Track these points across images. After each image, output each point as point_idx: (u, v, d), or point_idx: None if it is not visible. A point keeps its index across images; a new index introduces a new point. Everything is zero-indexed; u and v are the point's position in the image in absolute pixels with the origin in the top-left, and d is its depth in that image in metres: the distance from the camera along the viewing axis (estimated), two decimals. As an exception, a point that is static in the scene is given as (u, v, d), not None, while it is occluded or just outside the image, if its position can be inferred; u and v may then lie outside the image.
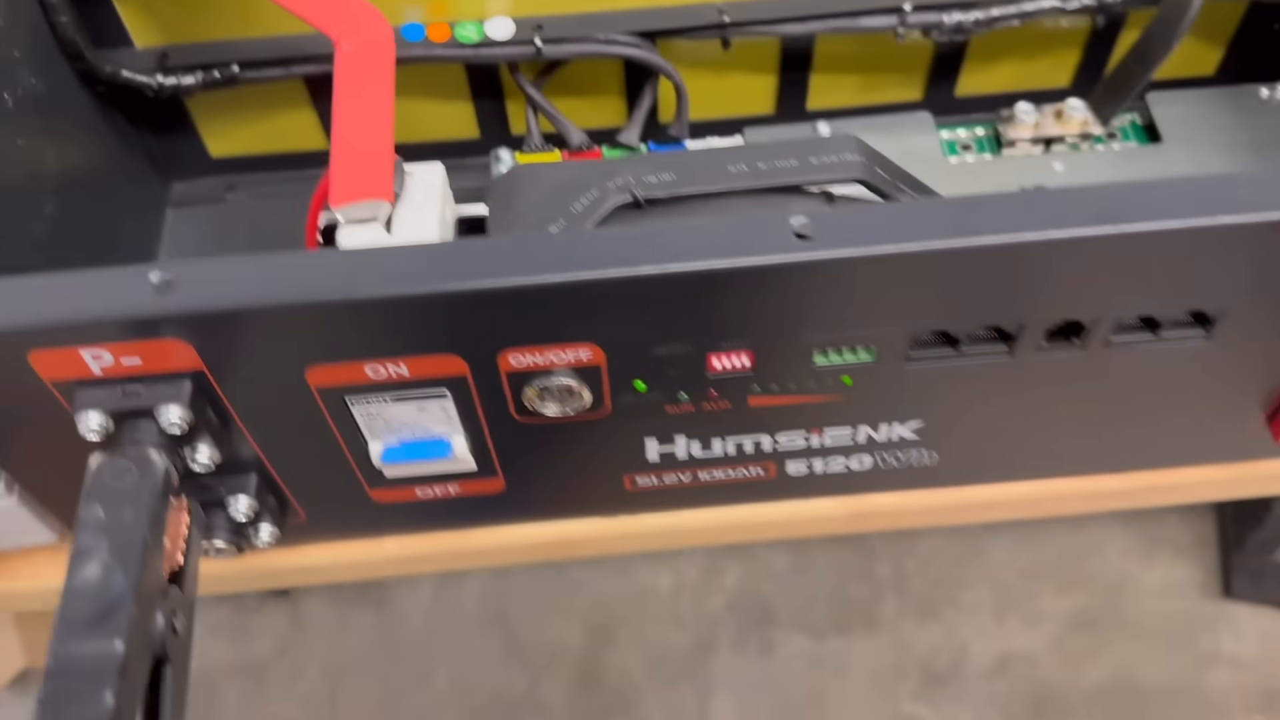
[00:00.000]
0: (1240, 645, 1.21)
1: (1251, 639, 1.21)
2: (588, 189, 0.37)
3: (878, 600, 1.20)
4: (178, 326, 0.32)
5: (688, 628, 1.19)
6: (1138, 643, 1.20)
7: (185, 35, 0.48)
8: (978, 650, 1.19)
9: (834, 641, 1.19)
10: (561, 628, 1.18)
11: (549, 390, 0.36)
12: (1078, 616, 1.21)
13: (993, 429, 0.41)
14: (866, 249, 0.32)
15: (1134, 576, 1.23)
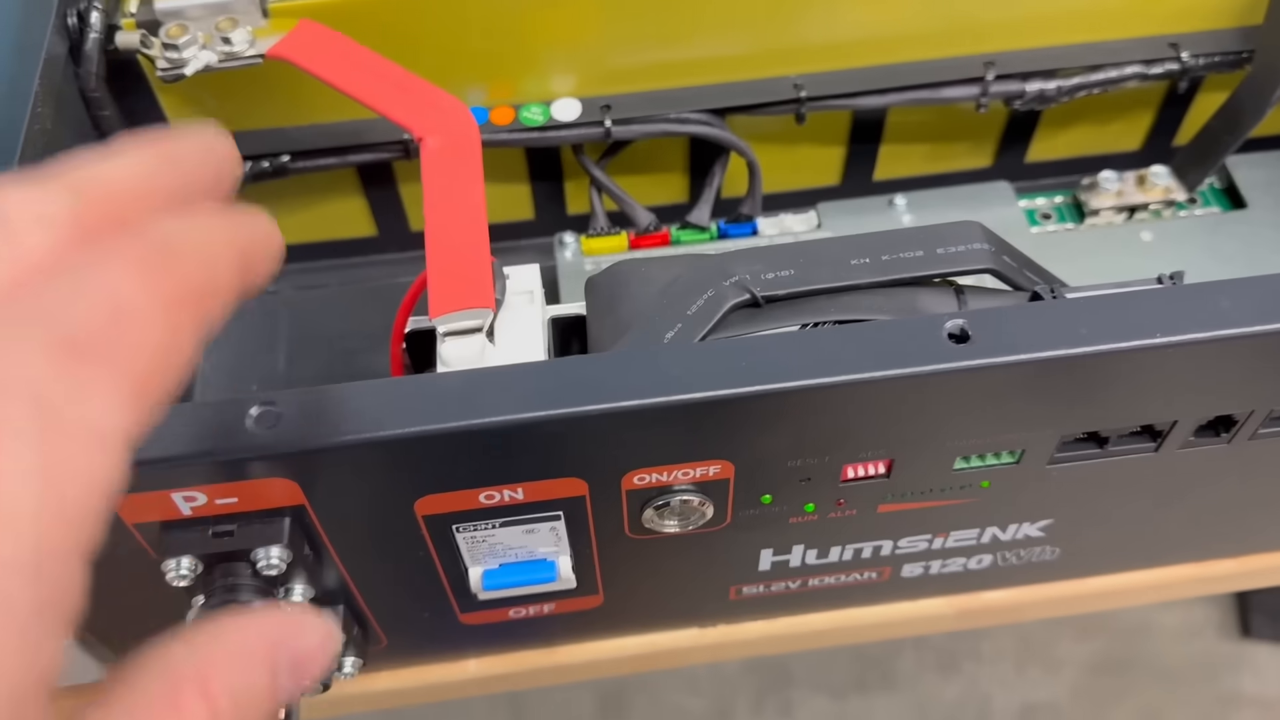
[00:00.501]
0: (1262, 685, 1.19)
1: (1273, 678, 1.20)
2: (702, 289, 0.34)
3: (896, 655, 1.18)
4: (286, 465, 0.29)
5: (704, 692, 1.16)
6: (1160, 687, 1.18)
7: (230, 125, 0.45)
8: (1001, 702, 1.17)
9: (855, 701, 1.16)
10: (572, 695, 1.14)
11: (670, 507, 0.33)
12: (1099, 662, 1.19)
13: (1119, 522, 0.39)
14: (1030, 354, 0.29)
15: (1153, 619, 1.22)
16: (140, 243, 0.18)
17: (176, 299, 0.18)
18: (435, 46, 0.43)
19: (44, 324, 0.17)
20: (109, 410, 0.17)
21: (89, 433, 0.17)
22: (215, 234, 0.20)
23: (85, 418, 0.17)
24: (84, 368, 0.17)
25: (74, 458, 0.16)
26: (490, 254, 0.35)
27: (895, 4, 0.44)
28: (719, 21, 0.44)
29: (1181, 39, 0.46)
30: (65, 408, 0.16)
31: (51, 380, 0.16)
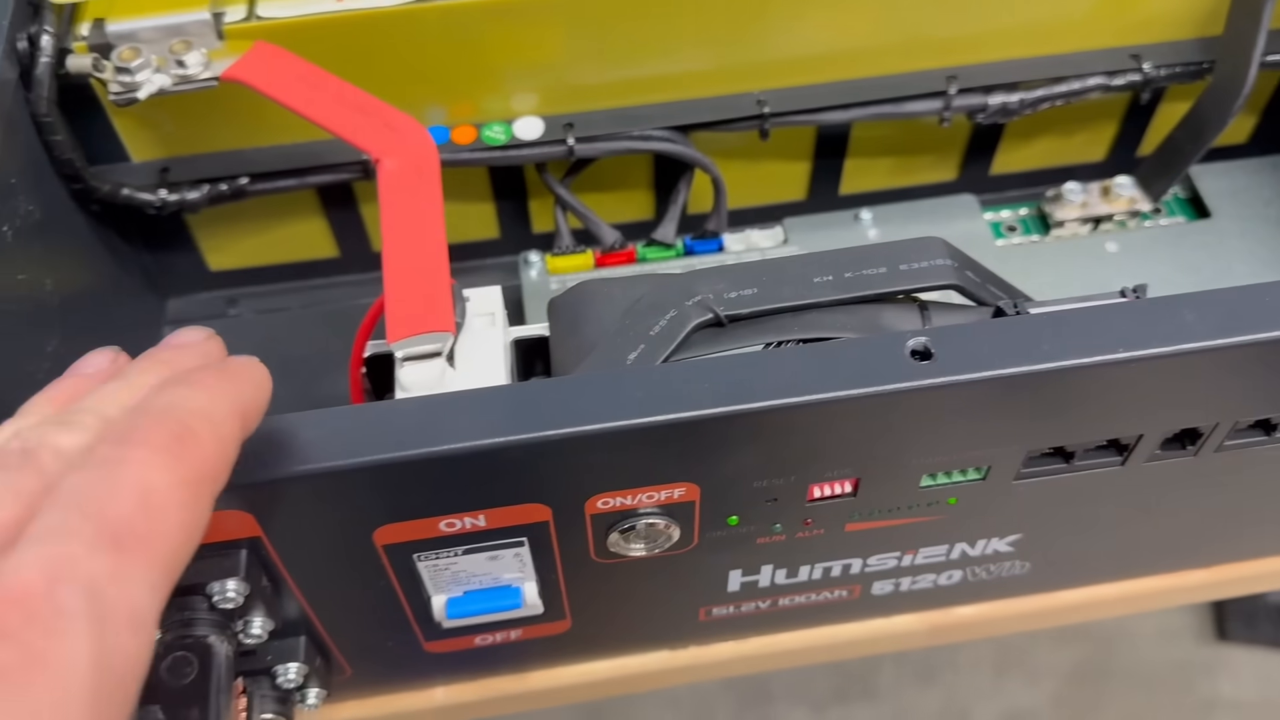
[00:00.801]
0: (1239, 689, 1.20)
1: (1249, 682, 1.20)
2: (665, 309, 0.34)
3: (876, 668, 1.18)
4: (240, 497, 0.28)
5: (684, 708, 1.15)
6: (1139, 693, 1.18)
7: (187, 148, 0.44)
8: (980, 712, 1.16)
9: (835, 713, 1.16)
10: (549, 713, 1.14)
11: (636, 530, 0.33)
12: (1077, 670, 1.19)
13: (1088, 535, 0.39)
14: (993, 371, 0.29)
15: (1129, 625, 1.22)
16: (161, 429, 0.21)
17: (196, 479, 0.21)
18: (394, 66, 0.42)
19: (90, 520, 0.19)
20: (145, 594, 0.19)
21: (131, 617, 0.19)
22: (220, 401, 0.23)
23: (128, 604, 0.19)
24: (124, 557, 0.19)
25: (121, 642, 0.18)
26: (450, 276, 0.34)
27: (857, 19, 0.44)
28: (682, 38, 0.44)
29: (1143, 50, 0.46)
30: (112, 596, 0.18)
31: (100, 572, 0.18)
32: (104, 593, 0.18)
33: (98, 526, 0.19)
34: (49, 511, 0.19)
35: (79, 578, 0.18)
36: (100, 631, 0.18)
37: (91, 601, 0.18)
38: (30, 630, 0.17)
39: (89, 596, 0.18)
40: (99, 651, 0.18)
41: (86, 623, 0.18)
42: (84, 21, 0.40)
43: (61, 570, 0.18)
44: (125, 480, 0.20)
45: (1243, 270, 0.47)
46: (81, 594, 0.18)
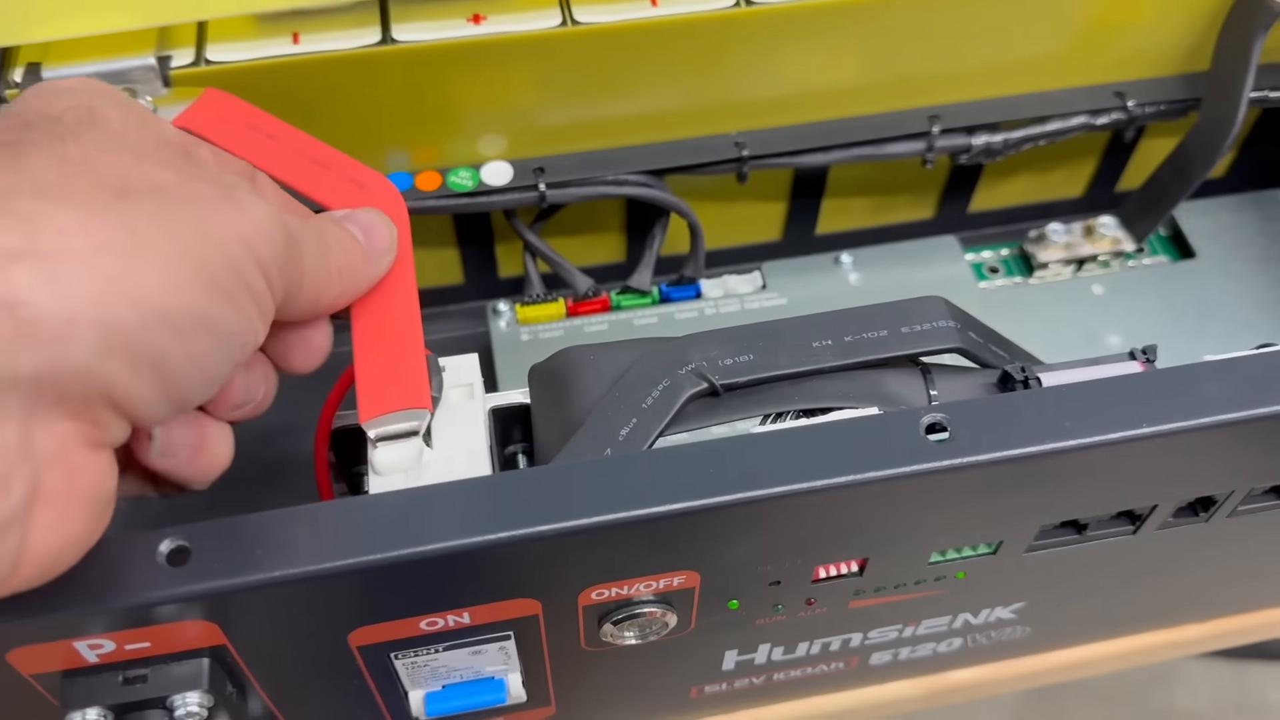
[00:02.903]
0: (1194, 699, 1.20)
1: (1204, 691, 1.21)
2: (657, 379, 0.32)
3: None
4: (203, 607, 0.26)
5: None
6: (1094, 707, 1.18)
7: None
8: (940, 727, 1.16)
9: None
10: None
11: (631, 620, 0.31)
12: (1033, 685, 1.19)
13: (1091, 598, 0.38)
14: (1015, 450, 0.27)
15: (1084, 640, 1.22)
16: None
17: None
18: (353, 111, 0.40)
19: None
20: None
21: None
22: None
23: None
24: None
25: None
26: (425, 347, 0.32)
27: (837, 59, 0.42)
28: (655, 79, 0.42)
29: (1127, 87, 0.45)
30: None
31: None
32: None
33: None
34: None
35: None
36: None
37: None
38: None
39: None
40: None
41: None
42: (17, 67, 0.37)
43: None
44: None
45: (1229, 312, 0.46)
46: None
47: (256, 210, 0.25)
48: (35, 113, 0.25)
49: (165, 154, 0.25)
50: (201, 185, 0.25)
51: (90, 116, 0.25)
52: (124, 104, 0.26)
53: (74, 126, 0.24)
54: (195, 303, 0.23)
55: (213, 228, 0.24)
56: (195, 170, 0.25)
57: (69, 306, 0.21)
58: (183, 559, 0.25)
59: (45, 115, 0.25)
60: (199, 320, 0.23)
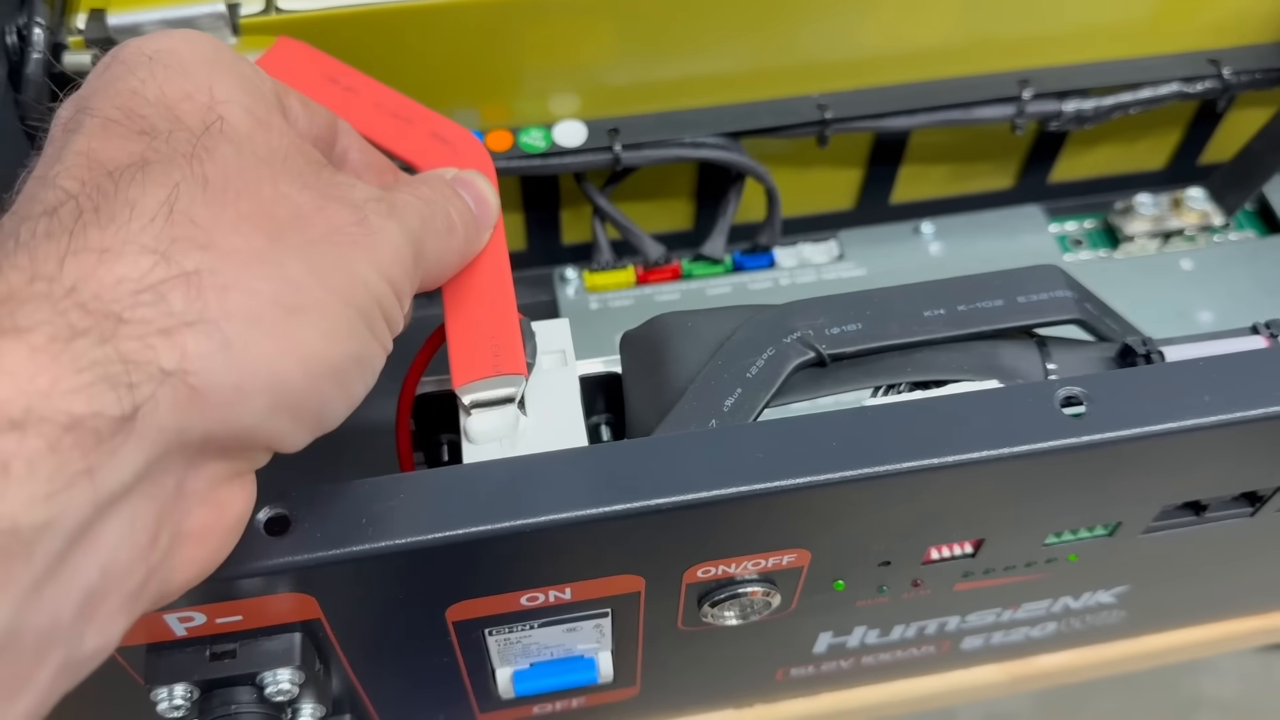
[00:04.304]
0: (1222, 687, 1.19)
1: (1232, 680, 1.19)
2: (761, 347, 0.30)
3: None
4: (301, 579, 0.24)
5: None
6: (1121, 692, 1.17)
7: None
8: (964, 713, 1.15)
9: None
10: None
11: (733, 599, 0.29)
12: (1059, 670, 1.18)
13: (1192, 582, 0.36)
14: (1155, 426, 0.26)
15: (1111, 625, 1.21)
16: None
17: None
18: (424, 65, 0.38)
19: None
20: None
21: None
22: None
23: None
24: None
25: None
26: (517, 310, 0.30)
27: (924, 17, 0.41)
28: (732, 35, 0.40)
29: (1221, 54, 0.43)
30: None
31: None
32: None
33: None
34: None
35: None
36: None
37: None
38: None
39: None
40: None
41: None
42: (79, 13, 0.35)
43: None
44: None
45: (1323, 289, 0.44)
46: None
47: (389, 236, 0.24)
48: (152, 109, 0.23)
49: (294, 161, 0.24)
50: (336, 210, 0.24)
51: (215, 117, 0.23)
52: (239, 83, 0.25)
53: (204, 137, 0.23)
54: (352, 348, 0.23)
55: (356, 265, 0.23)
56: (323, 182, 0.24)
57: (239, 374, 0.20)
58: (283, 528, 0.24)
59: (167, 116, 0.23)
60: (356, 363, 0.23)
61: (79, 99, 0.24)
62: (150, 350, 0.19)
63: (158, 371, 0.19)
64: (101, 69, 0.25)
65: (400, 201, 0.26)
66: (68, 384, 0.18)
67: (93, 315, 0.19)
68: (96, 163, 0.22)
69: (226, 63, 0.25)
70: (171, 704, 0.26)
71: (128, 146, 0.22)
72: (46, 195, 0.21)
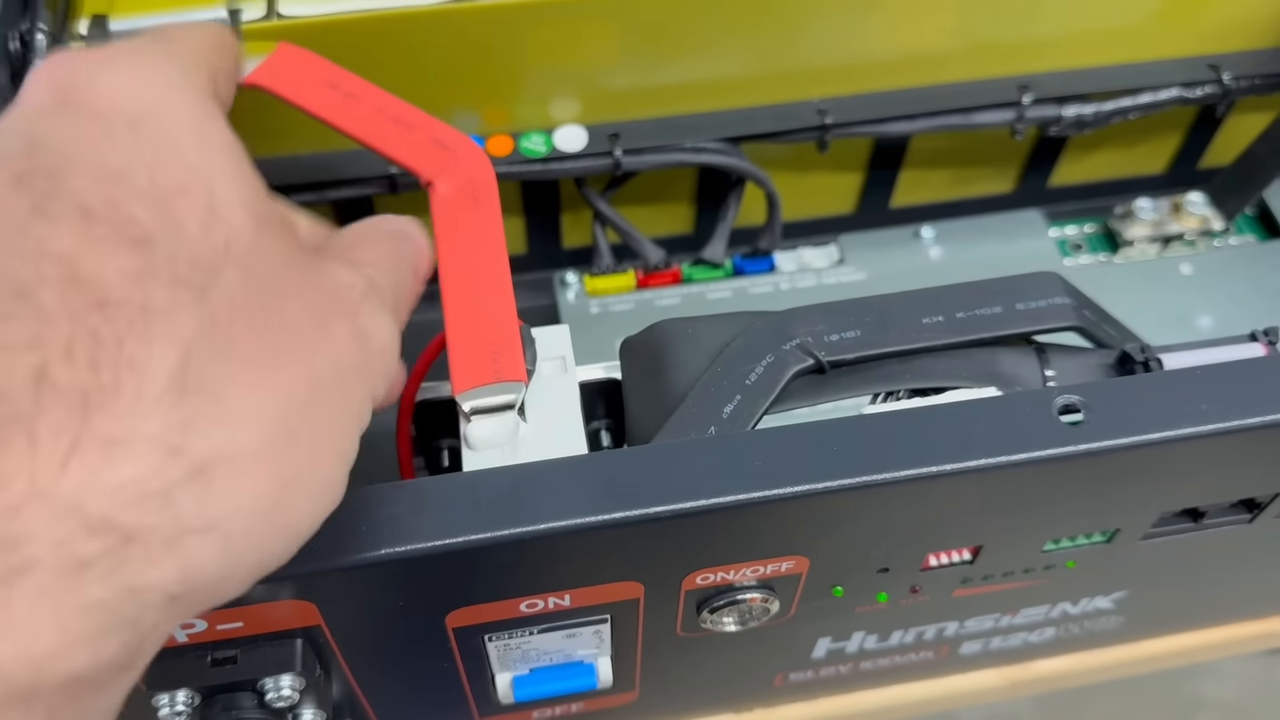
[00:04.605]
0: (1223, 689, 1.19)
1: (1233, 682, 1.19)
2: (760, 354, 0.30)
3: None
4: (303, 586, 0.24)
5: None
6: (1122, 694, 1.17)
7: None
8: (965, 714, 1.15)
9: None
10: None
11: (732, 605, 0.29)
12: (1060, 672, 1.18)
13: (1190, 588, 0.36)
14: (1154, 434, 0.26)
15: (1111, 626, 1.21)
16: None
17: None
18: (426, 71, 0.38)
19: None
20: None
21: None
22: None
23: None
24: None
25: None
26: (517, 316, 0.30)
27: (924, 23, 0.41)
28: (732, 41, 0.40)
29: (1221, 59, 0.44)
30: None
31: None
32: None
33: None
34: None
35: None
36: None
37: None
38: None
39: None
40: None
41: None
42: (81, 19, 0.35)
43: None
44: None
45: (1322, 294, 0.44)
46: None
47: (381, 339, 0.23)
48: (143, 207, 0.19)
49: (291, 267, 0.22)
50: (334, 326, 0.22)
51: (221, 232, 0.20)
52: (234, 168, 0.21)
53: (207, 256, 0.19)
54: (328, 504, 0.21)
55: (352, 398, 0.22)
56: (315, 284, 0.22)
57: (230, 569, 0.19)
58: (283, 536, 0.24)
59: (161, 217, 0.19)
60: (324, 515, 0.21)
61: (34, 147, 0.19)
62: (156, 570, 0.17)
63: (163, 598, 0.17)
64: (57, 104, 0.20)
65: (375, 279, 0.24)
66: (74, 633, 0.16)
67: (99, 536, 0.17)
68: (82, 283, 0.18)
69: (210, 118, 0.22)
70: (173, 710, 0.26)
71: (118, 261, 0.18)
72: (22, 317, 0.17)
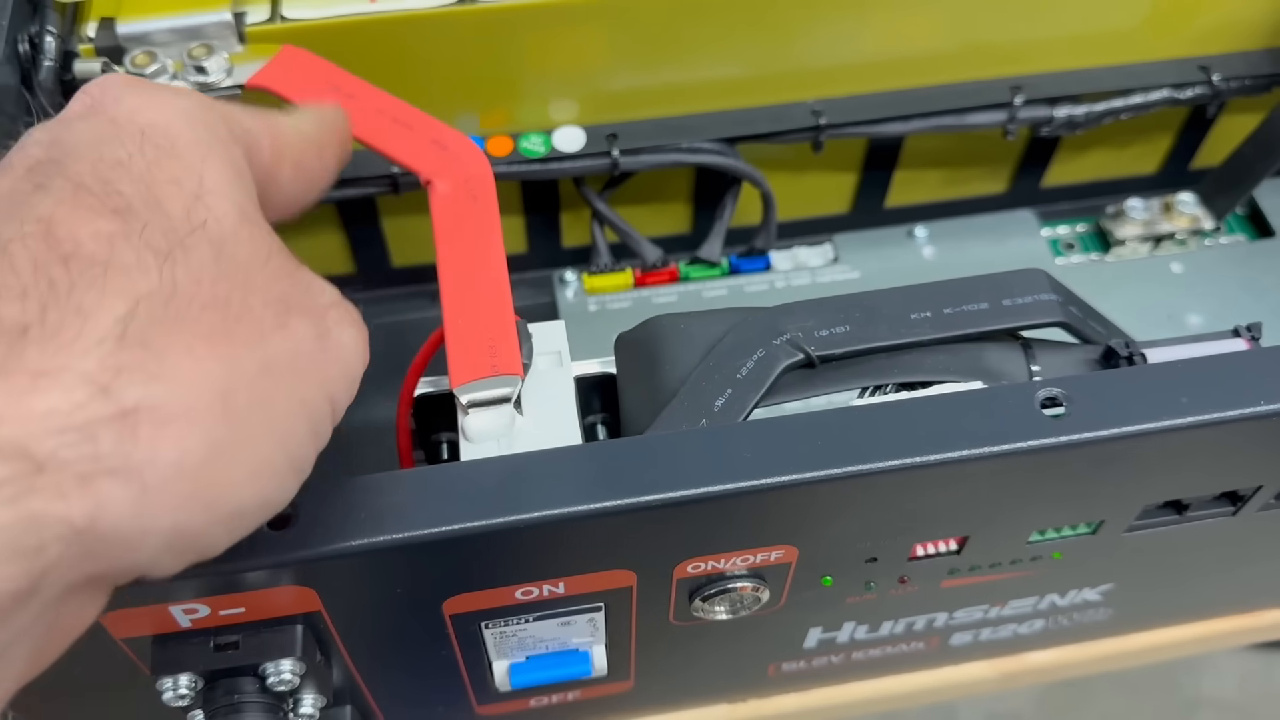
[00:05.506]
0: (1222, 688, 1.19)
1: (1232, 680, 1.20)
2: (752, 349, 0.31)
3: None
4: (303, 572, 0.25)
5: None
6: (1122, 693, 1.18)
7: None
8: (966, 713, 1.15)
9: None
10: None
11: (723, 594, 0.30)
12: (1060, 670, 1.18)
13: (1178, 581, 0.37)
14: (1134, 426, 0.27)
15: (1112, 626, 1.21)
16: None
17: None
18: (427, 72, 0.39)
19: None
20: None
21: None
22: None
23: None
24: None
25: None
26: (514, 312, 0.31)
27: (917, 25, 0.42)
28: (729, 43, 0.41)
29: (1211, 61, 0.44)
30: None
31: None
32: None
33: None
34: None
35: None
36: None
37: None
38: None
39: None
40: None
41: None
42: (89, 21, 0.36)
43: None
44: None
45: (1312, 293, 0.45)
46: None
47: (346, 349, 0.23)
48: (133, 187, 0.21)
49: (272, 263, 0.22)
50: (297, 324, 0.22)
51: (202, 212, 0.21)
52: (231, 171, 0.23)
53: (184, 231, 0.21)
54: (265, 493, 0.21)
55: (303, 390, 0.22)
56: (292, 287, 0.23)
57: (145, 520, 0.19)
58: (284, 523, 0.25)
59: (147, 198, 0.21)
60: (261, 508, 0.22)
61: (54, 142, 0.22)
62: (63, 502, 0.18)
63: (68, 530, 0.18)
64: (86, 112, 0.23)
65: (348, 303, 0.24)
66: None
67: (9, 462, 0.17)
68: (55, 240, 0.19)
69: (222, 144, 0.23)
70: (176, 693, 0.26)
71: (96, 224, 0.20)
72: None
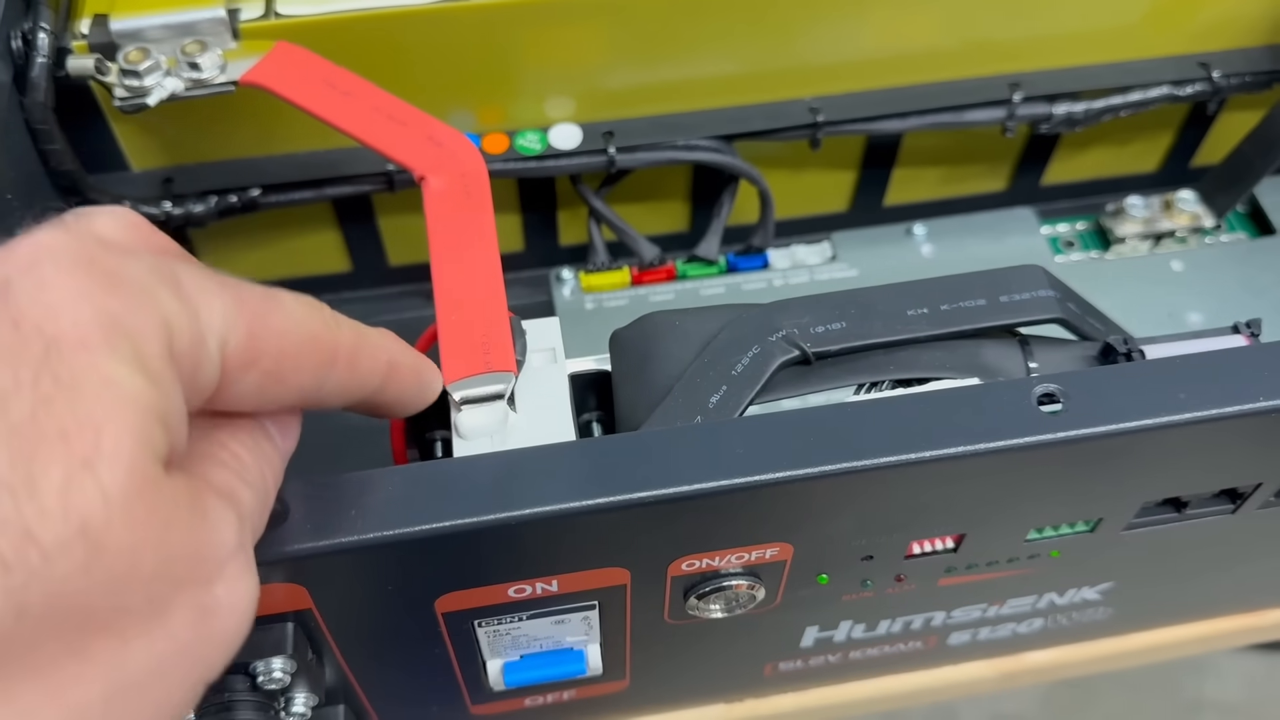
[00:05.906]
0: (1224, 690, 1.19)
1: (1234, 683, 1.19)
2: (747, 345, 0.31)
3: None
4: (292, 569, 0.25)
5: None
6: (1124, 695, 1.17)
7: (191, 156, 0.41)
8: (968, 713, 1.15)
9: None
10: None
11: (717, 593, 0.30)
12: (1063, 671, 1.18)
13: (1177, 580, 0.37)
14: (1131, 423, 0.26)
15: (1114, 627, 1.21)
16: None
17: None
18: (422, 69, 0.39)
19: None
20: None
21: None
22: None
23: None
24: None
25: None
26: (508, 308, 0.31)
27: (915, 22, 0.41)
28: (726, 40, 0.41)
29: (1211, 58, 0.44)
30: None
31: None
32: None
33: None
34: None
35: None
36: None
37: None
38: None
39: None
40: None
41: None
42: (83, 18, 0.36)
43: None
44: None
45: (1313, 291, 0.45)
46: None
47: (233, 620, 0.21)
48: (13, 432, 0.17)
49: (165, 544, 0.19)
50: (179, 611, 0.19)
51: (89, 481, 0.18)
52: (141, 413, 0.19)
53: (54, 528, 0.17)
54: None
55: (169, 692, 0.20)
56: (186, 555, 0.19)
57: None
58: (274, 519, 0.24)
59: (21, 467, 0.17)
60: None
61: None
62: None
63: None
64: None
65: (248, 503, 0.21)
66: None
67: None
68: None
69: (146, 376, 0.19)
70: (166, 692, 0.26)
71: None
72: None
